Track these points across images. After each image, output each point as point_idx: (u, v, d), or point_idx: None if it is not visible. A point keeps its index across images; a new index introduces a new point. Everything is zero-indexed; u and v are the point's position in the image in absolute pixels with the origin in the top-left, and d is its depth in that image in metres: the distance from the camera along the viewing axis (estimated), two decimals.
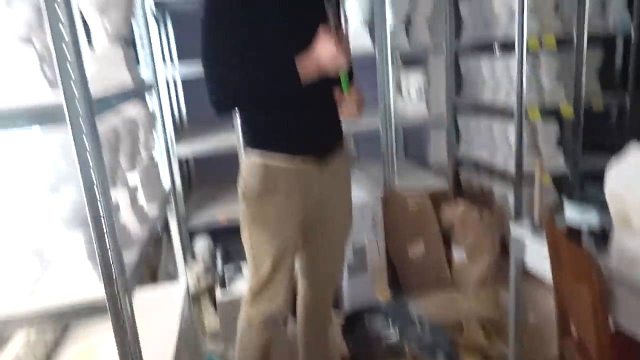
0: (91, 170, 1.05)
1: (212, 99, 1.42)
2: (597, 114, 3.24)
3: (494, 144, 3.48)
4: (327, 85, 1.45)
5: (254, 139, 1.54)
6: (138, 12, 2.50)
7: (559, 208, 1.84)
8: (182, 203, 2.96)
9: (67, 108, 1.05)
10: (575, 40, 3.02)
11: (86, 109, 1.06)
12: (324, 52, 1.33)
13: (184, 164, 3.58)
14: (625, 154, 1.43)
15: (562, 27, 3.14)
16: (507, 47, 3.09)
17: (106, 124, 1.44)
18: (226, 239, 2.98)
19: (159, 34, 2.94)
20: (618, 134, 3.75)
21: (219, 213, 3.01)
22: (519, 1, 2.84)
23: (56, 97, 1.06)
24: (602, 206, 1.58)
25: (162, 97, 2.71)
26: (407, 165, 3.83)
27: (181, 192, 2.94)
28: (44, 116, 1.08)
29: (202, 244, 2.99)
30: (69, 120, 1.05)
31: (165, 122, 2.78)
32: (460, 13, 3.68)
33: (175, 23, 3.49)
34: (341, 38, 1.35)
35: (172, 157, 2.81)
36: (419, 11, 3.24)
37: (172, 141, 2.83)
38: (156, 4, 2.74)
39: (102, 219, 1.06)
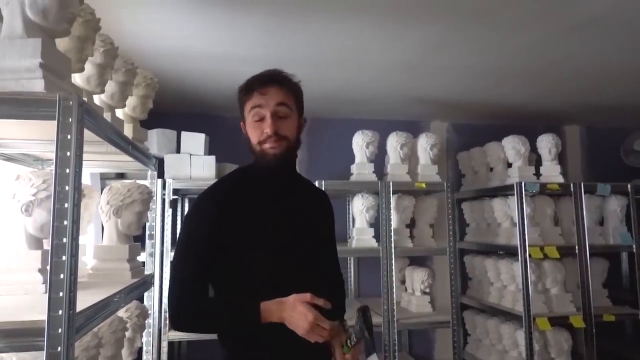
0: None
1: (172, 318, 1.29)
2: (609, 323, 3.11)
3: (503, 349, 3.31)
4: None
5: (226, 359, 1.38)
6: (157, 200, 2.68)
7: None
8: None
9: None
10: (577, 253, 3.07)
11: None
12: (297, 316, 1.21)
13: (175, 345, 3.43)
14: None
15: (563, 239, 3.22)
16: (511, 249, 3.14)
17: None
18: None
19: (174, 218, 3.09)
20: (634, 344, 3.55)
21: None
22: (519, 214, 2.98)
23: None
24: None
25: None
26: None
27: None
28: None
29: None
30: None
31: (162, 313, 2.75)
32: (464, 215, 3.86)
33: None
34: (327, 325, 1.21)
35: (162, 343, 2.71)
36: (422, 215, 3.39)
37: (164, 329, 2.77)
38: (174, 191, 2.94)
39: None
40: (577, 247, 3.08)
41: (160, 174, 2.79)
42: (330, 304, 1.26)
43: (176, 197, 3.38)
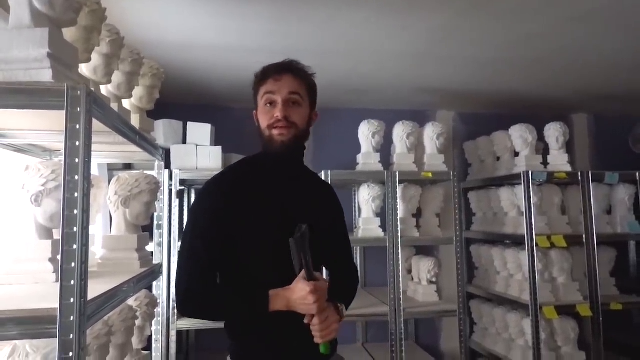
0: None
1: (180, 305, 1.29)
2: (617, 312, 3.11)
3: (510, 337, 3.31)
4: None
5: (234, 352, 1.38)
6: (164, 191, 2.69)
7: None
8: None
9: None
10: (584, 242, 3.06)
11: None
12: (296, 295, 1.24)
13: (184, 333, 3.46)
14: None
15: (571, 228, 3.21)
16: (517, 238, 3.14)
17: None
18: None
19: (181, 208, 3.11)
20: None
21: None
22: (526, 203, 2.96)
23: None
24: None
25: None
26: (417, 352, 3.60)
27: None
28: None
29: None
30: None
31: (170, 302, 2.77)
32: (470, 205, 3.85)
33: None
34: (316, 282, 1.25)
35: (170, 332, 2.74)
36: (428, 205, 3.39)
37: (173, 318, 2.80)
38: (181, 181, 2.95)
39: None
40: (584, 236, 3.07)
41: (167, 165, 2.80)
42: (325, 280, 1.29)
43: (183, 187, 3.39)
